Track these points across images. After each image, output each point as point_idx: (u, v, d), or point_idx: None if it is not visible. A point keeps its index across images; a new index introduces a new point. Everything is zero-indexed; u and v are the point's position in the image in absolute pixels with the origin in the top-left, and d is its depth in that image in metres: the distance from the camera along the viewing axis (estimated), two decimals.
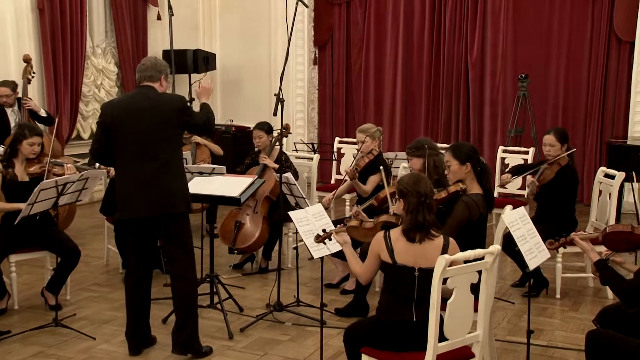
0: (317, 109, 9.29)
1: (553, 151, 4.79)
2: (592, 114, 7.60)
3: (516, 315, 4.42)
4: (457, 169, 3.67)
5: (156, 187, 3.52)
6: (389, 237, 2.98)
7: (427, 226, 2.94)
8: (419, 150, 4.29)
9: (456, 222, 3.57)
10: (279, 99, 4.18)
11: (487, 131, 8.22)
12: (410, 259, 2.92)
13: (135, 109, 3.56)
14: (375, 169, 4.86)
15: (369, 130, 4.96)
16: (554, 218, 4.72)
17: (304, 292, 4.79)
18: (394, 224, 3.22)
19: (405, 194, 2.99)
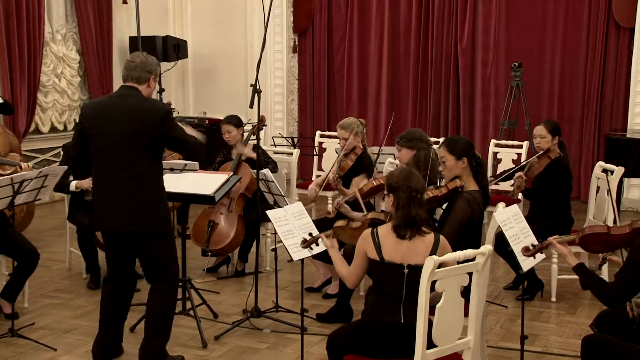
0: (296, 101, 9.28)
1: (543, 143, 4.85)
2: (589, 105, 7.69)
3: (509, 320, 4.47)
4: (454, 164, 3.69)
5: (130, 201, 3.46)
6: (377, 234, 3.02)
7: (418, 222, 2.98)
8: (411, 141, 4.29)
9: (458, 221, 3.59)
10: (255, 89, 4.17)
11: (479, 124, 8.28)
12: (399, 255, 2.96)
13: (113, 113, 3.49)
14: (360, 168, 4.87)
15: (350, 125, 4.94)
16: (548, 216, 4.78)
17: (284, 297, 4.80)
18: (382, 221, 3.24)
19: (396, 188, 3.02)
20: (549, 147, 4.85)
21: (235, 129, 5.36)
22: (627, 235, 3.01)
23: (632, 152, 5.87)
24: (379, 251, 2.98)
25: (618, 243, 3.05)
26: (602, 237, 3.06)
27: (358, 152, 4.93)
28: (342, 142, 4.97)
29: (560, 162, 4.83)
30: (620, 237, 3.03)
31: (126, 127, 3.45)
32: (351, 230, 3.43)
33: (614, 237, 3.04)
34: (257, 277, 4.40)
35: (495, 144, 6.45)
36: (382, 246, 2.98)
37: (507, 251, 3.86)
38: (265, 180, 4.63)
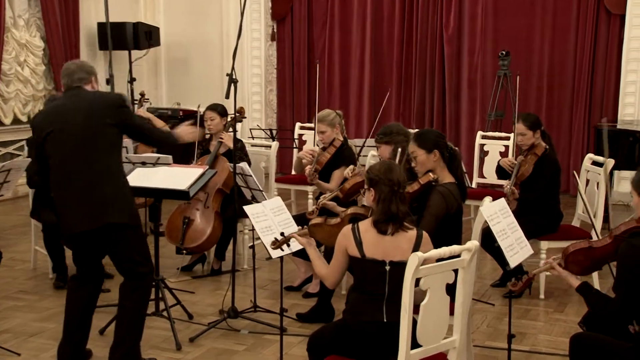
0: (275, 91, 9.27)
1: (525, 140, 4.88)
2: (579, 95, 7.76)
3: (496, 318, 4.51)
4: (425, 158, 3.71)
5: (91, 197, 3.46)
6: (357, 229, 3.03)
7: (400, 217, 2.99)
8: (388, 136, 4.33)
9: (433, 217, 3.61)
10: (231, 79, 4.16)
11: (465, 115, 8.33)
12: (380, 252, 2.97)
13: (66, 112, 3.52)
14: (339, 161, 4.87)
15: (326, 117, 4.95)
16: (536, 211, 4.82)
17: (262, 296, 4.80)
18: (363, 215, 3.24)
19: (377, 182, 3.04)
20: (533, 143, 4.88)
21: (219, 118, 5.36)
22: (611, 245, 2.95)
23: (622, 144, 5.93)
24: (359, 248, 2.99)
25: (606, 255, 2.99)
26: (587, 252, 3.00)
27: (337, 144, 4.93)
28: (320, 135, 4.98)
29: (547, 157, 4.86)
30: (606, 250, 2.98)
31: (81, 123, 3.48)
32: (329, 228, 3.37)
33: (598, 250, 2.99)
34: (234, 275, 4.39)
35: (482, 136, 6.49)
36: (364, 242, 2.99)
37: (494, 247, 3.89)
38: (243, 174, 4.62)
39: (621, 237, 2.90)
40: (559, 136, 7.90)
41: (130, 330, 3.61)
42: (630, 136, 5.90)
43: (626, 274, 2.75)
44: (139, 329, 3.66)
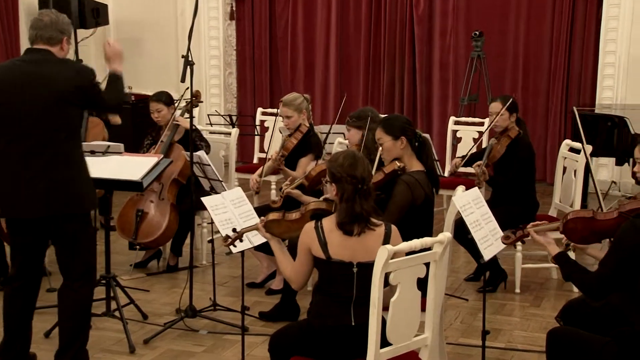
0: (235, 74, 9.21)
1: (501, 121, 4.95)
2: (556, 78, 7.86)
3: (470, 314, 4.56)
4: (391, 145, 3.72)
5: (46, 182, 3.37)
6: (321, 228, 2.98)
7: (365, 216, 2.96)
8: (361, 120, 4.32)
9: (398, 208, 3.62)
10: (187, 61, 4.13)
11: (437, 99, 8.38)
12: (347, 252, 2.95)
13: (23, 80, 3.36)
14: (306, 148, 4.87)
15: (293, 102, 4.94)
16: (511, 200, 4.88)
17: (222, 294, 4.79)
18: (326, 211, 3.18)
19: (339, 178, 2.98)
20: (507, 126, 4.95)
21: (166, 108, 5.31)
22: (615, 221, 2.96)
23: (600, 129, 6.01)
24: (324, 249, 2.95)
25: (606, 230, 3.01)
26: (588, 223, 3.02)
27: (303, 130, 4.93)
28: (285, 120, 4.97)
29: (521, 140, 4.93)
30: (608, 223, 2.99)
31: (41, 97, 3.34)
32: (287, 223, 3.28)
33: (600, 222, 3.01)
34: (192, 272, 4.37)
35: (454, 122, 6.55)
36: (329, 243, 2.95)
37: (467, 239, 3.92)
38: (201, 163, 4.60)
39: (626, 215, 2.92)
40: (535, 122, 8.00)
41: (76, 333, 3.57)
42: (608, 121, 5.99)
43: (619, 252, 2.78)
44: (85, 332, 3.62)
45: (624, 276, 2.76)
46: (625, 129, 5.72)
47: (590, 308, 3.19)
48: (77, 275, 3.55)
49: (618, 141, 5.83)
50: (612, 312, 3.10)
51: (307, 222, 3.09)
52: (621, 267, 2.76)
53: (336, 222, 2.97)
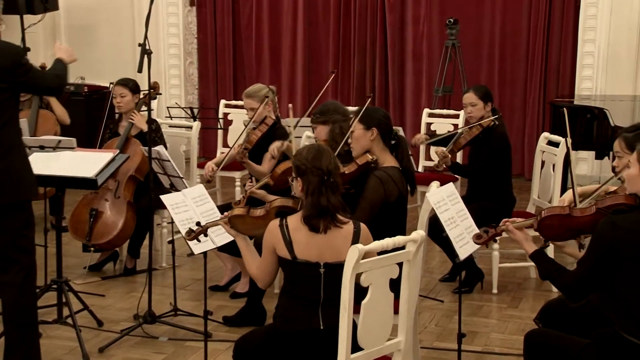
0: (196, 64, 9.15)
1: (475, 112, 5.00)
2: (533, 68, 7.93)
3: (446, 317, 4.60)
4: (361, 134, 3.74)
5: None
6: (286, 227, 2.99)
7: (332, 211, 2.97)
8: (324, 115, 4.34)
9: (369, 204, 3.63)
10: (144, 50, 4.10)
11: (410, 90, 8.42)
12: (314, 252, 2.95)
13: None
14: (272, 141, 4.86)
15: (258, 93, 4.93)
16: (487, 195, 4.93)
17: (183, 298, 4.77)
18: (292, 209, 3.17)
19: (304, 171, 2.99)
20: (482, 116, 5.00)
21: (130, 94, 5.31)
22: (592, 217, 2.98)
23: (579, 122, 6.09)
24: (290, 248, 2.96)
25: (583, 227, 3.02)
26: (564, 219, 3.04)
27: (269, 122, 4.92)
28: (249, 113, 4.96)
29: (495, 130, 4.97)
30: (585, 220, 3.01)
31: None
32: (252, 220, 3.27)
33: (576, 219, 3.03)
34: (151, 275, 4.35)
35: (428, 114, 6.59)
36: (294, 242, 2.96)
37: (442, 237, 3.95)
38: (160, 159, 4.58)
39: (604, 211, 2.94)
40: (512, 114, 8.08)
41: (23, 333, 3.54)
42: (587, 112, 6.06)
43: (598, 250, 2.81)
44: (33, 330, 3.58)
45: (603, 275, 2.80)
46: (605, 121, 5.80)
47: (570, 309, 3.23)
48: (18, 269, 3.52)
49: (598, 134, 5.90)
50: (592, 313, 3.14)
51: (272, 219, 3.09)
52: (600, 266, 2.80)
53: (302, 216, 2.98)
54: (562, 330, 3.07)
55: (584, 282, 2.87)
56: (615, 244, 2.74)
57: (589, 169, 7.65)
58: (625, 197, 2.94)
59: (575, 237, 3.13)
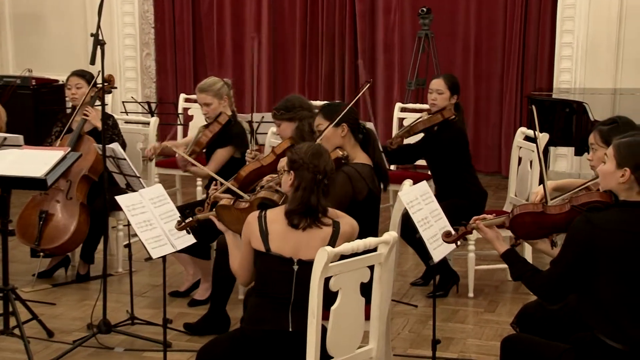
0: (154, 56, 9.10)
1: (440, 100, 5.03)
2: (510, 60, 8.00)
3: (420, 322, 4.63)
4: (332, 132, 3.77)
5: None
6: (264, 218, 3.05)
7: (318, 211, 3.03)
8: (290, 111, 4.34)
9: (337, 202, 3.63)
10: (97, 40, 4.07)
11: (381, 84, 8.45)
12: (289, 247, 2.99)
13: None
14: (225, 141, 4.83)
15: (212, 87, 4.89)
16: (456, 193, 4.96)
17: (141, 306, 4.76)
18: (276, 203, 3.26)
19: (300, 166, 3.06)
20: (445, 106, 5.04)
21: (87, 85, 5.27)
22: (566, 215, 3.03)
23: (558, 116, 6.15)
24: (264, 239, 3.00)
25: (557, 225, 3.06)
26: (537, 217, 3.08)
27: (222, 120, 4.88)
28: (204, 108, 4.92)
29: (453, 124, 5.02)
30: (559, 218, 3.05)
31: None
32: (237, 212, 3.37)
33: (550, 217, 3.06)
34: (106, 281, 4.33)
35: (400, 108, 6.60)
36: (270, 234, 3.01)
37: (415, 238, 3.97)
38: (115, 157, 4.55)
39: (579, 209, 2.98)
40: (488, 108, 8.15)
41: None
42: (566, 107, 6.12)
43: (573, 249, 2.84)
44: None
45: (578, 275, 2.84)
46: (584, 116, 5.87)
47: (548, 312, 3.27)
48: None
49: (577, 129, 5.96)
50: (571, 316, 3.18)
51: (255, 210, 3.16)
52: (575, 266, 2.84)
53: (285, 210, 3.03)
54: (540, 335, 3.11)
55: (558, 283, 2.90)
56: (591, 242, 2.78)
57: (568, 166, 7.74)
58: (601, 195, 2.99)
59: (549, 236, 3.17)
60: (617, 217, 2.81)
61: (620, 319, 2.79)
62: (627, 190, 2.81)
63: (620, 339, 2.79)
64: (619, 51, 7.56)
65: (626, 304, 2.79)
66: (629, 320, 2.78)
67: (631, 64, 7.50)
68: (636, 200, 2.81)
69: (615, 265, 2.77)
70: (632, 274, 2.77)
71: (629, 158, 2.79)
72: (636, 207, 2.80)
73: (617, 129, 3.23)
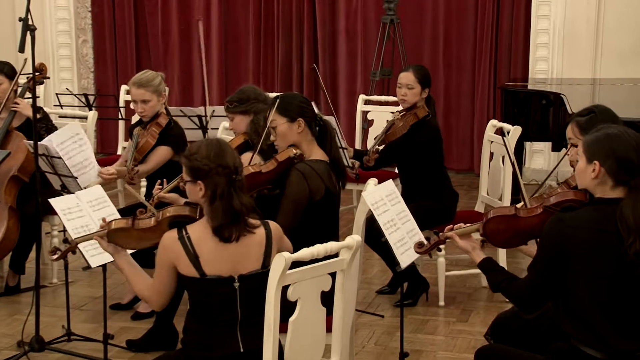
0: (91, 43, 9.02)
1: (410, 95, 5.04)
2: (482, 48, 8.06)
3: (386, 334, 4.64)
4: (286, 129, 3.74)
5: None
6: (188, 240, 2.94)
7: (245, 214, 2.95)
8: (244, 103, 4.32)
9: (293, 203, 3.63)
10: (26, 25, 4.03)
11: (343, 75, 8.47)
12: (226, 265, 2.94)
13: None
14: (164, 141, 4.79)
15: (152, 82, 4.81)
16: (424, 194, 4.98)
17: (79, 320, 4.72)
18: (190, 217, 3.09)
19: (207, 172, 2.93)
20: (416, 102, 5.05)
21: (7, 81, 5.20)
22: (540, 217, 3.06)
23: (534, 109, 6.21)
24: (196, 265, 2.92)
25: (533, 229, 3.09)
26: (511, 222, 3.11)
27: (162, 122, 4.79)
28: (140, 106, 4.84)
29: (428, 122, 5.03)
30: (533, 221, 3.09)
31: None
32: (139, 233, 3.17)
33: (523, 221, 3.10)
34: (39, 293, 4.28)
35: (364, 101, 6.62)
36: (201, 257, 2.92)
37: (381, 243, 3.98)
38: (48, 155, 4.50)
39: (552, 209, 3.02)
40: (459, 100, 8.21)
41: None
42: (542, 98, 6.19)
43: (547, 252, 2.88)
44: None
45: (555, 279, 2.88)
46: (562, 108, 5.93)
47: (524, 322, 3.31)
48: None
49: (554, 122, 6.03)
50: (548, 326, 3.22)
51: (165, 230, 3.02)
52: (550, 270, 2.88)
53: (211, 227, 2.94)
54: (516, 346, 3.14)
55: (537, 290, 2.94)
56: (564, 243, 2.82)
57: (545, 163, 7.83)
58: (575, 193, 3.04)
59: (526, 242, 3.20)
60: (590, 215, 2.85)
61: (598, 326, 2.83)
62: (601, 185, 2.85)
63: (600, 347, 2.83)
64: (598, 38, 7.67)
65: (604, 309, 2.83)
66: (608, 327, 2.82)
67: (612, 53, 7.62)
68: (610, 197, 2.85)
69: (589, 267, 2.81)
70: (608, 276, 2.81)
71: (597, 150, 2.84)
72: (610, 203, 2.84)
73: (595, 118, 3.27)
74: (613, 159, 2.81)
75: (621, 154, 2.81)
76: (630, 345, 2.84)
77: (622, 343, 2.83)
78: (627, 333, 2.84)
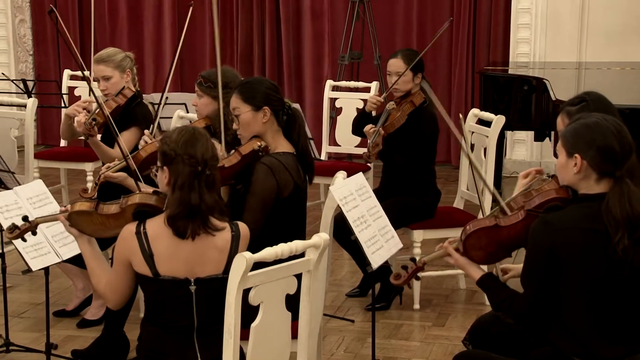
0: (29, 23, 8.94)
1: (402, 84, 5.05)
2: (460, 29, 8.10)
3: (357, 340, 4.66)
4: (250, 118, 3.72)
5: None
6: (144, 234, 2.95)
7: (205, 212, 2.95)
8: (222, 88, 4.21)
9: (260, 201, 3.63)
10: None
11: (308, 58, 8.47)
12: (181, 265, 2.94)
13: None
14: (129, 121, 4.77)
15: (113, 57, 4.82)
16: (406, 189, 4.99)
17: (19, 328, 4.70)
18: (157, 208, 3.10)
19: (172, 159, 2.96)
20: (410, 89, 5.06)
21: None
22: (523, 223, 3.03)
23: (515, 95, 6.25)
24: (150, 263, 2.93)
25: (518, 237, 3.07)
26: (493, 234, 3.08)
27: (128, 94, 4.79)
28: (102, 83, 4.84)
29: (425, 110, 5.04)
30: (516, 229, 3.06)
31: None
32: (102, 219, 3.18)
33: (506, 230, 3.07)
34: None
35: (332, 87, 6.62)
36: (155, 254, 2.93)
37: (350, 241, 4.00)
38: None
39: (535, 212, 2.99)
40: (435, 86, 8.16)
41: None
42: (524, 84, 6.21)
43: (536, 258, 2.89)
44: None
45: (552, 287, 2.89)
46: (545, 95, 5.95)
47: (505, 326, 3.32)
48: None
49: (537, 110, 6.05)
50: None
51: (129, 220, 3.04)
52: (545, 278, 2.89)
53: (165, 217, 2.95)
54: (496, 351, 3.16)
55: (534, 305, 2.94)
56: (552, 247, 2.84)
57: (527, 154, 7.88)
58: (557, 191, 3.02)
59: (510, 254, 3.18)
60: (576, 214, 2.87)
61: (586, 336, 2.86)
62: (585, 180, 2.88)
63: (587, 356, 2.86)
64: (583, 19, 7.72)
65: (594, 316, 2.85)
66: (598, 336, 2.86)
67: (598, 34, 7.68)
68: (595, 193, 2.87)
69: (580, 270, 2.84)
70: (599, 279, 2.84)
71: (577, 143, 2.86)
72: (595, 199, 2.86)
73: (588, 107, 3.25)
74: (594, 150, 2.83)
75: (602, 143, 2.83)
76: (620, 350, 2.87)
77: (611, 350, 2.86)
78: (617, 339, 2.87)
